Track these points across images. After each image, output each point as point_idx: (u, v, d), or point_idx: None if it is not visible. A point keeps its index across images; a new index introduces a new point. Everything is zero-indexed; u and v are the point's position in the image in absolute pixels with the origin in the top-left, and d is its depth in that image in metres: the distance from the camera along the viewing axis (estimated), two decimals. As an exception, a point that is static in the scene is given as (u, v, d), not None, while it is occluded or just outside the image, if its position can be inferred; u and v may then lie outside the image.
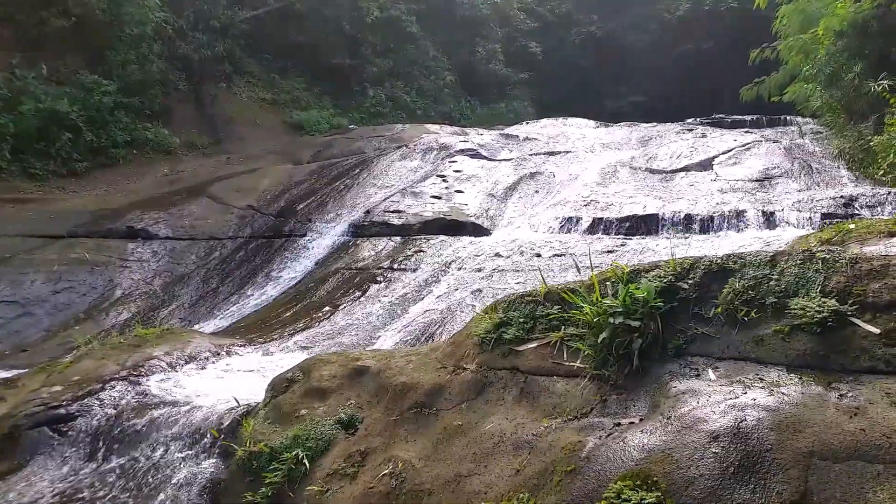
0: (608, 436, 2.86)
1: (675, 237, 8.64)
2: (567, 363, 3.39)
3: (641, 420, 2.89)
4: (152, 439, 4.42)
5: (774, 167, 10.93)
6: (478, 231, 10.26)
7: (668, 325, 3.23)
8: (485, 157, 13.78)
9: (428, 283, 8.36)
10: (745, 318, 3.08)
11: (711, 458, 2.50)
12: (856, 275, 3.00)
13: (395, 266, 9.06)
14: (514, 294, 3.99)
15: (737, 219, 8.72)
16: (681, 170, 11.71)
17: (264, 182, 13.01)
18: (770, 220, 8.56)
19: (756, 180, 10.55)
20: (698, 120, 16.27)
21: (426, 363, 4.06)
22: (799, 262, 3.14)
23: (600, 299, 3.34)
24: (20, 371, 6.23)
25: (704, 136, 13.56)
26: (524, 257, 8.55)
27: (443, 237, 9.88)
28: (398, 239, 10.17)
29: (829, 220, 7.95)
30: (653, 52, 28.79)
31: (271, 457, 3.80)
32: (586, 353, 3.33)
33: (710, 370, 3.01)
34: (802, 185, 10.18)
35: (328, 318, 7.89)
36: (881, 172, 9.55)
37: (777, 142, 12.35)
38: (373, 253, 9.85)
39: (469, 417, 3.46)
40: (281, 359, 6.21)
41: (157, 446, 4.36)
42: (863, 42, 10.57)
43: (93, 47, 15.97)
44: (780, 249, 3.59)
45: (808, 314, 2.91)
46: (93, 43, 15.95)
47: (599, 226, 9.43)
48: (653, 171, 11.89)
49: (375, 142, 15.44)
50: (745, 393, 2.74)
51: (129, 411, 4.74)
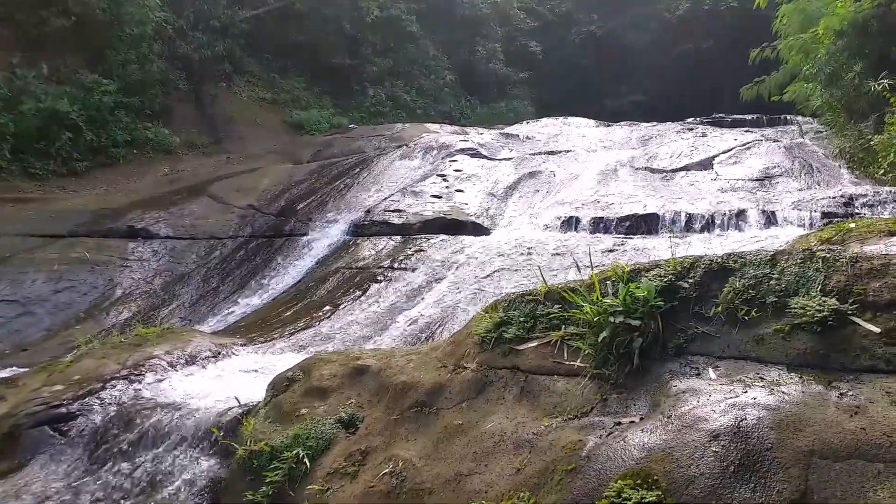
0: (609, 435, 2.86)
1: (676, 236, 8.64)
2: (567, 362, 3.39)
3: (642, 419, 2.90)
4: (153, 438, 4.43)
5: (775, 166, 10.93)
6: (478, 230, 10.25)
7: (668, 324, 3.23)
8: (485, 157, 13.77)
9: (428, 283, 8.36)
10: (746, 318, 3.08)
11: (712, 456, 2.51)
12: (856, 274, 3.00)
13: (396, 265, 9.06)
14: (514, 293, 3.99)
15: (737, 218, 8.72)
16: (681, 169, 11.71)
17: (264, 181, 13.00)
18: (770, 220, 8.56)
19: (756, 179, 10.55)
20: (698, 119, 16.26)
21: (427, 362, 4.06)
22: (799, 261, 3.14)
23: (601, 298, 3.34)
24: (21, 370, 6.24)
25: (705, 135, 13.56)
26: (524, 256, 8.55)
27: (443, 236, 9.87)
28: (398, 238, 10.16)
29: (829, 220, 7.95)
30: (653, 51, 28.77)
31: (272, 456, 3.80)
32: (587, 352, 3.33)
33: (710, 369, 3.01)
34: (803, 185, 10.18)
35: (328, 317, 7.89)
36: (881, 172, 9.55)
37: (777, 141, 12.35)
38: (373, 252, 9.85)
39: (469, 416, 3.47)
40: (281, 358, 6.21)
41: (157, 445, 4.37)
42: (863, 41, 10.57)
43: (93, 47, 15.95)
44: (781, 248, 3.60)
45: (808, 313, 2.91)
46: (93, 42, 15.92)
47: (600, 225, 9.43)
48: (653, 171, 11.88)
49: (375, 141, 15.43)
50: (746, 392, 2.75)
51: (129, 410, 4.74)
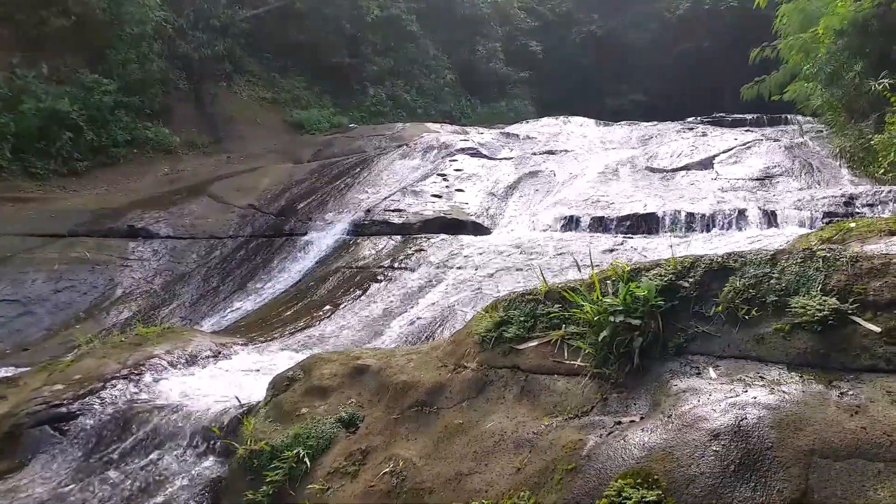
0: (609, 434, 2.86)
1: (676, 236, 8.64)
2: (568, 362, 3.39)
3: (642, 418, 2.89)
4: (153, 437, 4.43)
5: (775, 166, 10.93)
6: (478, 230, 10.26)
7: (668, 323, 3.23)
8: (485, 156, 13.78)
9: (428, 282, 8.36)
10: (746, 317, 3.08)
11: (712, 456, 2.51)
12: (856, 273, 3.00)
13: (396, 265, 9.06)
14: (514, 293, 3.99)
15: (737, 217, 8.72)
16: (681, 168, 11.71)
17: (265, 181, 13.00)
18: (771, 219, 8.56)
19: (757, 179, 10.56)
20: (699, 119, 16.27)
21: (427, 362, 4.06)
22: (799, 260, 3.14)
23: (601, 298, 3.34)
24: (21, 369, 6.25)
25: (705, 134, 13.56)
26: (524, 256, 8.56)
27: (443, 236, 9.88)
28: (398, 238, 10.17)
29: (829, 219, 7.95)
30: (653, 50, 28.78)
31: (272, 455, 3.80)
32: (587, 351, 3.33)
33: (710, 368, 3.01)
34: (803, 184, 10.18)
35: (329, 316, 7.90)
36: (882, 171, 9.56)
37: (777, 140, 12.36)
38: (373, 252, 9.85)
39: (470, 416, 3.46)
40: (281, 357, 6.21)
41: (158, 444, 4.37)
42: (863, 41, 10.57)
43: (93, 46, 15.95)
44: (781, 248, 3.60)
45: (808, 312, 2.91)
46: (93, 42, 15.93)
47: (600, 225, 9.44)
48: (653, 170, 11.89)
49: (376, 141, 15.43)
50: (746, 391, 2.74)
51: (130, 410, 4.74)
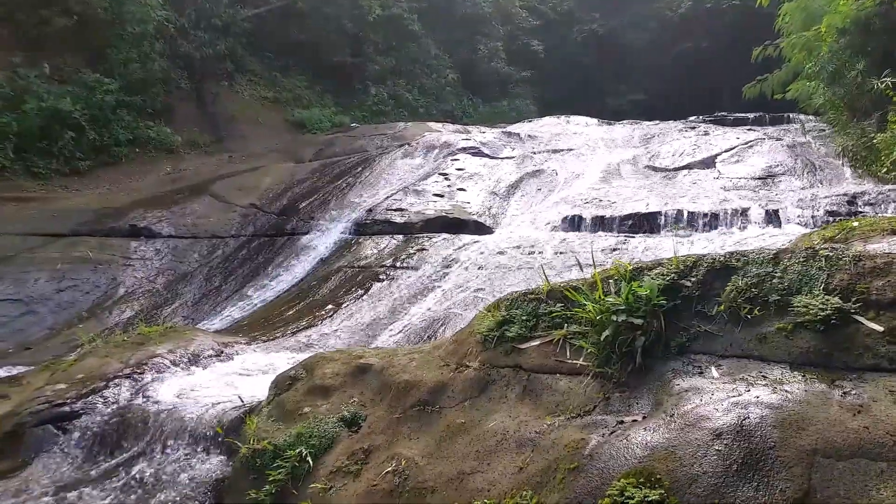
0: (611, 433, 2.86)
1: (678, 235, 8.64)
2: (570, 361, 3.39)
3: (644, 418, 2.89)
4: (156, 437, 4.44)
5: (777, 165, 10.92)
6: (480, 229, 10.25)
7: (671, 322, 3.23)
8: (487, 156, 13.77)
9: (430, 281, 8.36)
10: (748, 316, 3.08)
11: (715, 455, 2.51)
12: (859, 272, 3.00)
13: (398, 264, 9.06)
14: (516, 292, 3.99)
15: (740, 216, 8.71)
16: (683, 168, 11.71)
17: (266, 180, 13.00)
18: (773, 218, 8.55)
19: (759, 178, 10.55)
20: (701, 118, 16.24)
21: (429, 361, 4.06)
22: (802, 259, 3.14)
23: (603, 297, 3.34)
24: (24, 369, 6.26)
25: (707, 133, 13.55)
26: (526, 255, 8.55)
27: (445, 235, 9.88)
28: (400, 237, 10.17)
29: (832, 218, 7.94)
30: (652, 50, 28.75)
31: (275, 454, 3.81)
32: (589, 350, 3.33)
33: (713, 368, 3.01)
34: (805, 183, 10.17)
35: (331, 316, 7.90)
36: (884, 170, 9.53)
37: (780, 139, 12.34)
38: (375, 251, 9.85)
39: (472, 415, 3.47)
40: (283, 357, 6.22)
41: (160, 444, 4.38)
42: (865, 39, 10.54)
43: (94, 46, 15.96)
44: (783, 247, 3.60)
45: (811, 312, 2.91)
46: (94, 42, 15.93)
47: (602, 224, 9.43)
48: (655, 169, 11.88)
49: (377, 140, 15.42)
50: (749, 390, 2.74)
51: (132, 409, 4.75)
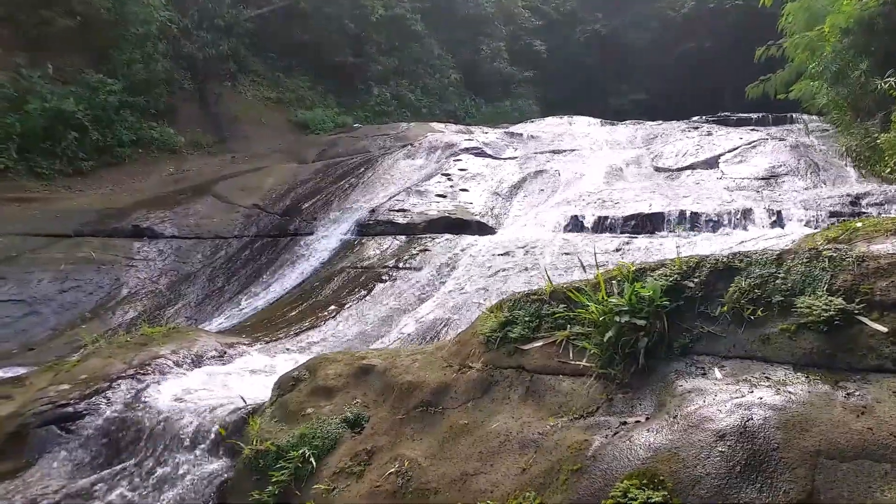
0: (614, 435, 2.86)
1: (681, 235, 8.63)
2: (573, 362, 3.39)
3: (647, 419, 2.89)
4: (159, 437, 4.44)
5: (780, 165, 10.91)
6: (483, 230, 10.25)
7: (673, 323, 3.22)
8: (490, 156, 13.77)
9: (433, 282, 8.36)
10: (752, 317, 3.07)
11: (718, 456, 2.50)
12: (863, 273, 2.99)
13: (401, 265, 9.07)
14: (519, 293, 3.98)
15: (743, 217, 8.70)
16: (686, 168, 11.70)
17: (269, 181, 13.02)
18: (777, 219, 8.54)
19: (762, 178, 10.54)
20: (704, 118, 16.22)
21: (432, 362, 4.06)
22: (805, 260, 3.13)
23: (606, 298, 3.34)
24: (28, 369, 6.27)
25: (710, 134, 13.53)
26: (529, 256, 8.55)
27: (448, 236, 9.88)
28: (403, 238, 10.17)
29: (835, 219, 7.93)
30: (655, 49, 28.74)
31: (278, 455, 3.81)
32: (592, 351, 3.32)
33: (716, 369, 3.00)
34: (809, 184, 10.15)
35: (334, 316, 7.91)
36: (888, 170, 9.52)
37: (783, 140, 12.32)
38: (378, 252, 9.86)
39: (475, 416, 3.46)
40: (286, 357, 6.23)
41: (164, 444, 4.38)
42: (869, 39, 10.53)
43: (97, 47, 16.00)
44: (787, 248, 3.59)
45: (814, 313, 2.90)
46: (97, 42, 15.97)
47: (605, 224, 9.41)
48: (658, 170, 11.88)
49: (380, 140, 15.43)
50: (752, 392, 2.74)
51: (136, 409, 4.76)
